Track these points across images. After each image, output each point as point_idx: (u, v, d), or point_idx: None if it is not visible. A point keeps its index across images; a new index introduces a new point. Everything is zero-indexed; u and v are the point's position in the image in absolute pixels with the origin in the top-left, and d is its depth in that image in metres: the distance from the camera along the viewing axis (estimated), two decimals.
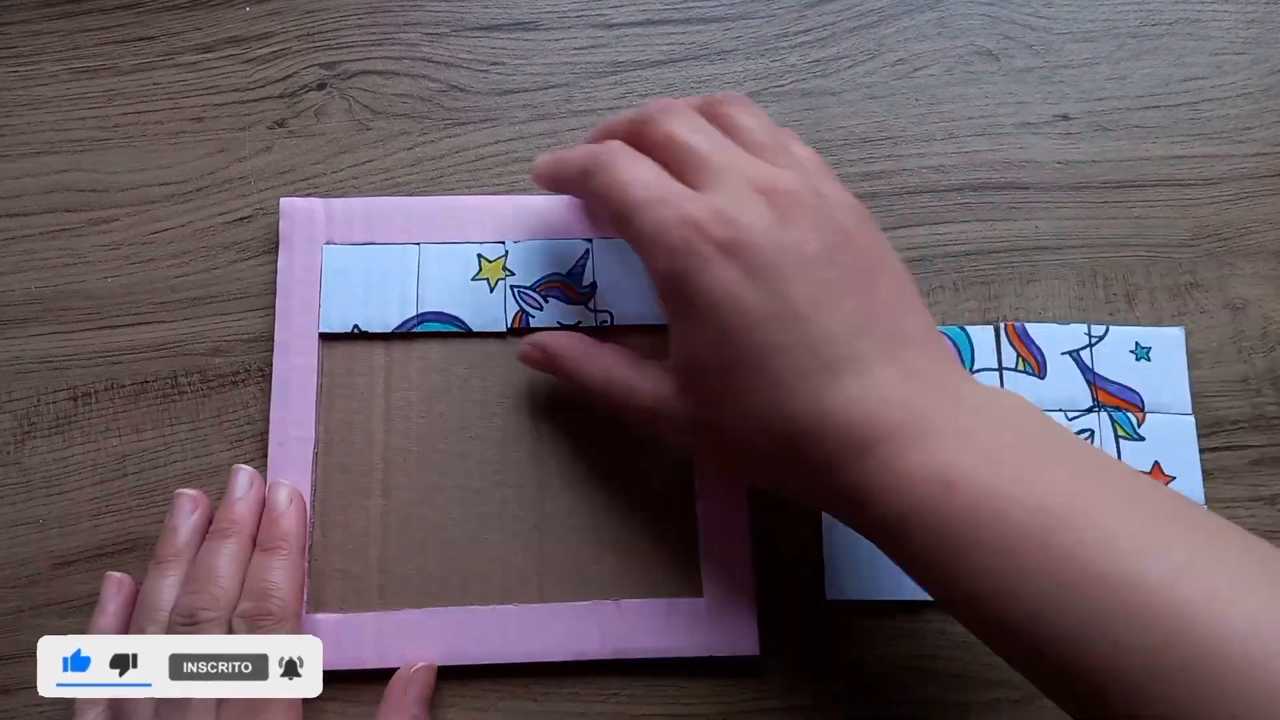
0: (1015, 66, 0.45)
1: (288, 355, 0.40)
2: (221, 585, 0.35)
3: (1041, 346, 0.41)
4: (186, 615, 0.34)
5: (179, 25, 0.45)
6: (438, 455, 0.40)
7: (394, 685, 0.36)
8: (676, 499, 0.39)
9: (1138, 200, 0.43)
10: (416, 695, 0.36)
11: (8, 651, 0.38)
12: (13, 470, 0.40)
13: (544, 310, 0.41)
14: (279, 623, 0.35)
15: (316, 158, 0.43)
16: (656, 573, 0.39)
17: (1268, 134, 0.44)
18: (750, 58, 0.45)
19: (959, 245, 0.42)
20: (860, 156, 0.43)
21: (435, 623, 0.38)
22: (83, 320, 0.41)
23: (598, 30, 0.45)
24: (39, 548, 0.39)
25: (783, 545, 0.39)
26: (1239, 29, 0.45)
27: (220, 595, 0.35)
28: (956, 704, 0.38)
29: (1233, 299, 0.42)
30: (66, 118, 0.43)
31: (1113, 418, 0.40)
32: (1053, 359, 0.41)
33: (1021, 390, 0.40)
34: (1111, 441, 0.40)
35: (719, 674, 0.38)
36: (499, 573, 0.38)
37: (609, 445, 0.40)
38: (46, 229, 0.42)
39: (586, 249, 0.41)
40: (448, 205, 0.42)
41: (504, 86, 0.44)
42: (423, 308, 0.41)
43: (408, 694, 0.36)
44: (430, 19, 0.45)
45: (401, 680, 0.37)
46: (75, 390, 0.41)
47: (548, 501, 0.39)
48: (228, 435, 0.40)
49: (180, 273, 0.42)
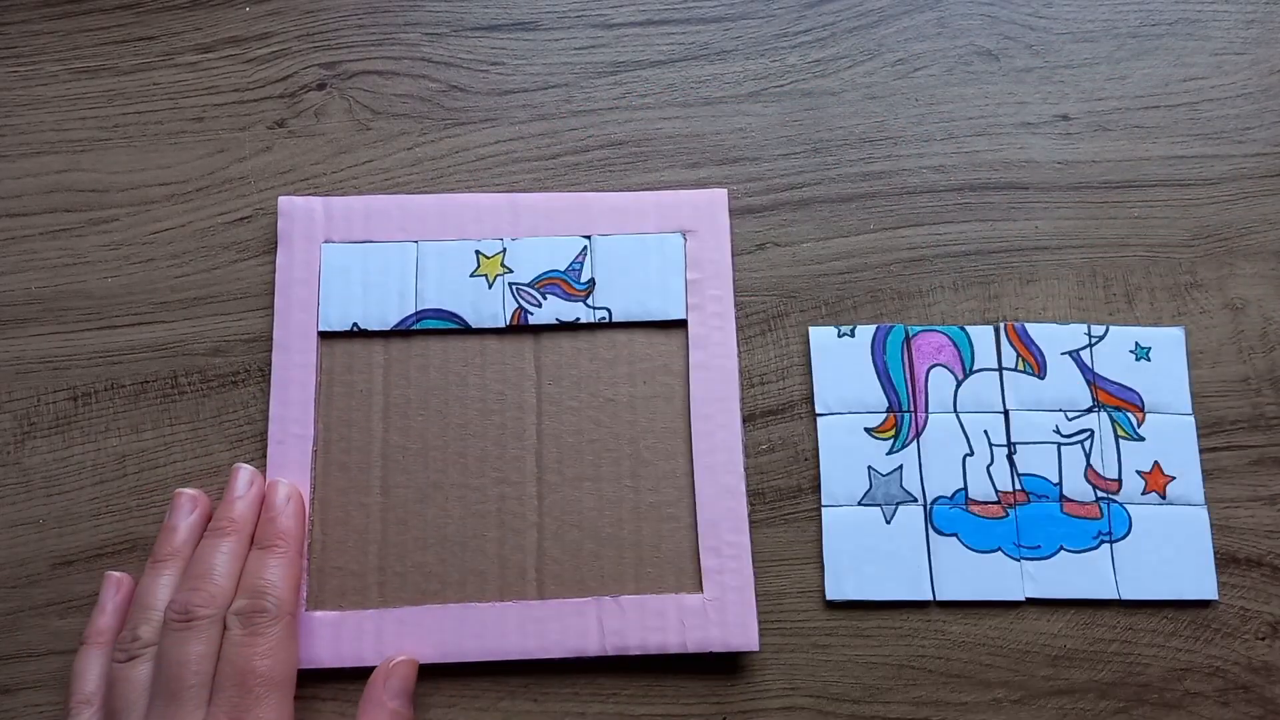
0: (1015, 66, 0.45)
1: (287, 353, 0.40)
2: (217, 583, 0.35)
3: (1041, 346, 0.41)
4: (182, 612, 0.34)
5: (179, 25, 0.45)
6: (436, 453, 0.40)
7: (374, 680, 0.36)
8: (676, 495, 0.39)
9: (1138, 200, 0.43)
10: (396, 689, 0.36)
11: (8, 651, 0.38)
12: (13, 470, 0.40)
13: (543, 307, 0.41)
14: (274, 620, 0.35)
15: (316, 158, 0.43)
16: (656, 569, 0.38)
17: (1268, 134, 0.44)
18: (750, 58, 0.45)
19: (959, 245, 0.42)
20: (860, 156, 0.43)
21: (434, 620, 0.38)
22: (83, 320, 0.41)
23: (598, 30, 0.45)
24: (39, 548, 0.39)
25: (783, 545, 0.39)
26: (1239, 29, 0.45)
27: (216, 593, 0.35)
28: (956, 704, 0.38)
29: (1233, 299, 0.42)
30: (66, 118, 0.43)
31: (1112, 418, 0.40)
32: (1052, 359, 0.41)
33: (1021, 390, 0.40)
34: (1112, 442, 0.40)
35: (718, 673, 0.38)
36: (498, 570, 0.38)
37: (608, 442, 0.40)
38: (46, 229, 0.42)
39: (584, 246, 0.41)
40: (446, 203, 0.42)
41: (504, 86, 0.44)
42: (421, 305, 0.41)
43: (386, 687, 0.36)
44: (430, 19, 0.45)
45: (381, 674, 0.36)
46: (75, 390, 0.41)
47: (546, 499, 0.39)
48: (228, 435, 0.40)
49: (180, 273, 0.42)
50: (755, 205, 0.43)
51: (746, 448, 0.40)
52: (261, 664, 0.34)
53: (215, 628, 0.34)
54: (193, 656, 0.34)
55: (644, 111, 0.44)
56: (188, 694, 0.33)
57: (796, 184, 0.43)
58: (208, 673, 0.34)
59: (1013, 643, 0.38)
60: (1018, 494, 0.39)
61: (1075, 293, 0.42)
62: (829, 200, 0.43)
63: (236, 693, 0.33)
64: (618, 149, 0.43)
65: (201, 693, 0.33)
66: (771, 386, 0.41)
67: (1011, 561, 0.39)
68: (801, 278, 0.42)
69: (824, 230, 0.43)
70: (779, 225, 0.43)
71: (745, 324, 0.41)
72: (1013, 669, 0.38)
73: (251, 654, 0.34)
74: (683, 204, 0.42)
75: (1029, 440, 0.40)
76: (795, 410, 0.41)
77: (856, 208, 0.43)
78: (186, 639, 0.34)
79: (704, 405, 0.40)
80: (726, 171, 0.43)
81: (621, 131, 0.44)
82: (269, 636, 0.34)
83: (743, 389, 0.41)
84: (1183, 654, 0.38)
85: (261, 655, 0.34)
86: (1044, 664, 0.38)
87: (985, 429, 0.40)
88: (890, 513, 0.39)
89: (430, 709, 0.37)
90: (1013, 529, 0.39)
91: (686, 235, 0.42)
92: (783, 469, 0.40)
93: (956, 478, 0.40)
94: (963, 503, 0.39)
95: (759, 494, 0.40)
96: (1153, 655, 0.38)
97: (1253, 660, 0.38)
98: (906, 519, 0.39)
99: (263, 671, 0.34)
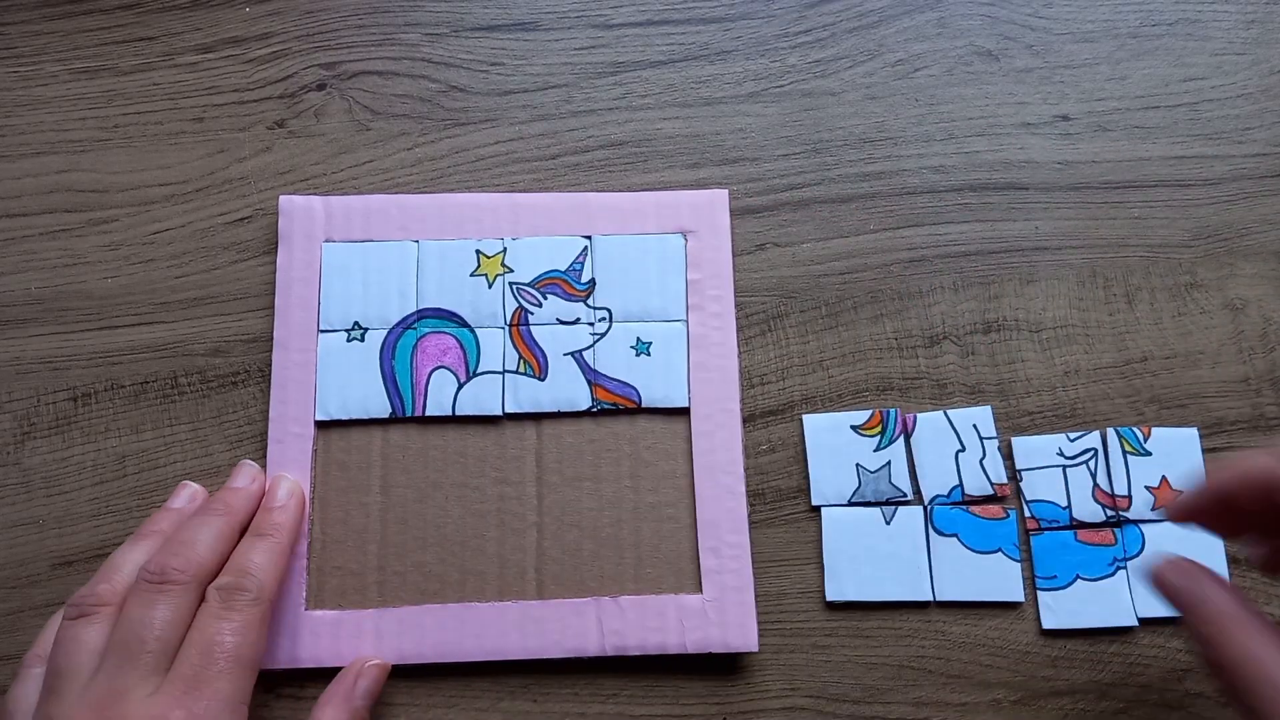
0: (1015, 66, 0.45)
1: (287, 352, 0.40)
2: (200, 551, 0.34)
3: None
4: (157, 572, 0.33)
5: (179, 25, 0.45)
6: (436, 452, 0.40)
7: (344, 676, 0.36)
8: (675, 496, 0.39)
9: (1138, 200, 0.43)
10: (366, 690, 0.36)
11: (8, 651, 0.38)
12: (13, 470, 0.40)
13: (543, 307, 0.41)
14: (253, 602, 0.33)
15: (316, 158, 0.43)
16: (655, 569, 0.38)
17: (1268, 134, 0.44)
18: (750, 58, 0.45)
19: (959, 245, 0.42)
20: (860, 156, 0.43)
21: (433, 619, 0.38)
22: (83, 320, 0.41)
23: (598, 30, 0.45)
24: (39, 548, 0.39)
25: (783, 545, 0.39)
26: (1239, 29, 0.45)
27: (195, 559, 0.34)
28: (956, 704, 0.38)
29: (1232, 299, 0.42)
30: (66, 118, 0.44)
31: (1119, 433, 0.40)
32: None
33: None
34: (1120, 457, 0.40)
35: (718, 674, 0.38)
36: (497, 570, 0.38)
37: (608, 442, 0.40)
38: (46, 229, 0.42)
39: (585, 246, 0.41)
40: (446, 202, 0.42)
41: (504, 86, 0.44)
42: (422, 304, 0.41)
43: (357, 686, 0.36)
44: (430, 19, 0.45)
45: (353, 673, 0.36)
46: (75, 390, 0.41)
47: (546, 498, 0.39)
48: (228, 435, 0.40)
49: (180, 273, 0.42)
50: (755, 205, 0.43)
51: (746, 448, 0.40)
52: (231, 639, 0.32)
53: (188, 597, 0.33)
54: (158, 620, 0.32)
55: (644, 112, 0.44)
56: (144, 659, 0.31)
57: (796, 184, 0.43)
58: (170, 641, 0.32)
59: (1013, 643, 0.38)
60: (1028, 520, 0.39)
61: (1075, 293, 0.42)
62: (829, 200, 0.43)
63: (200, 661, 0.32)
64: (618, 149, 0.43)
65: (160, 660, 0.32)
66: (771, 386, 0.41)
67: (1011, 562, 0.39)
68: (801, 278, 0.42)
69: (824, 230, 0.43)
70: (779, 225, 0.43)
71: (745, 324, 0.41)
72: (1013, 669, 0.38)
73: (222, 626, 0.32)
74: (683, 204, 0.42)
75: (1035, 466, 0.40)
76: (795, 410, 0.41)
77: (856, 208, 0.43)
78: (155, 601, 0.32)
79: (704, 405, 0.40)
80: (726, 171, 0.43)
81: (621, 132, 0.44)
82: (244, 615, 0.33)
83: (743, 389, 0.41)
84: (1183, 654, 0.38)
85: (232, 631, 0.32)
86: (1044, 664, 0.38)
87: (974, 423, 0.40)
88: (890, 514, 0.39)
89: (430, 709, 0.37)
90: (1013, 530, 0.39)
91: (687, 235, 0.42)
92: (783, 469, 0.40)
93: (951, 475, 0.40)
94: (959, 499, 0.39)
95: (759, 494, 0.40)
96: (1153, 655, 0.38)
97: None
98: (906, 520, 0.39)
99: (230, 646, 0.32)
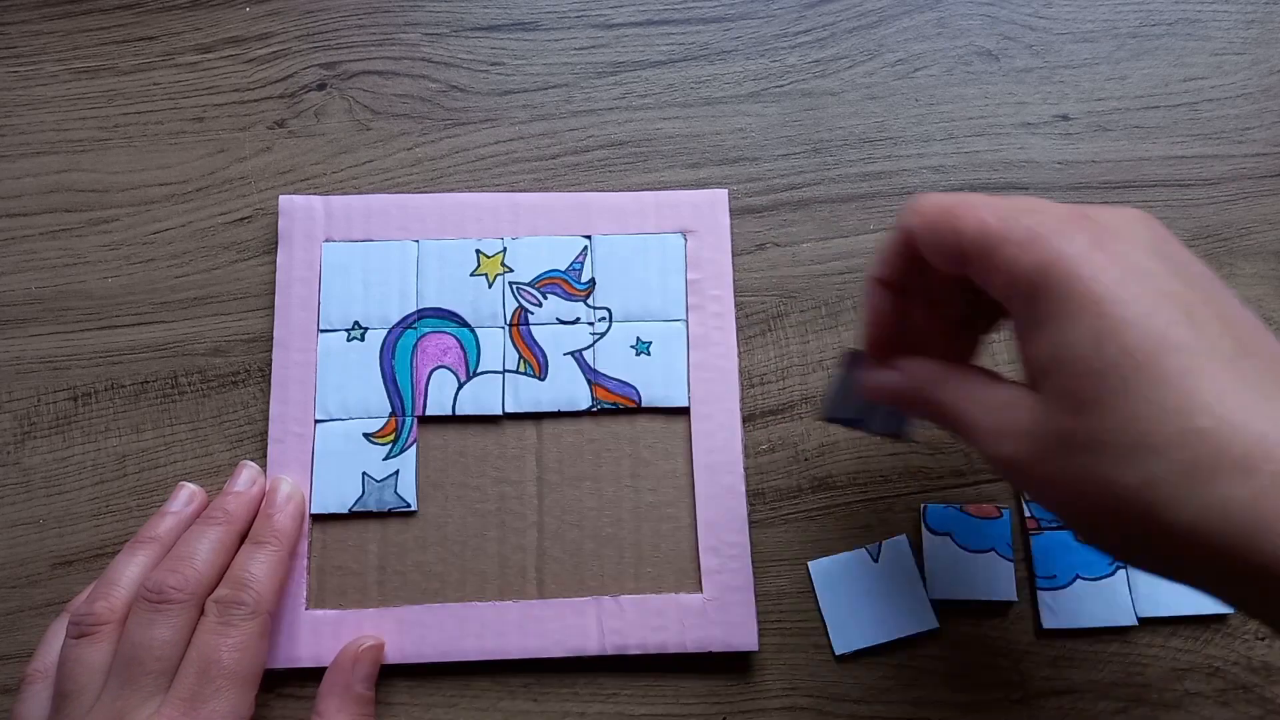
0: (1015, 66, 0.45)
1: (287, 352, 0.40)
2: (197, 567, 0.34)
3: None
4: (155, 590, 0.33)
5: (179, 25, 0.45)
6: (436, 451, 0.40)
7: (340, 664, 0.36)
8: (675, 495, 0.39)
9: (1138, 200, 0.43)
10: (365, 673, 0.36)
11: (8, 651, 0.38)
12: (13, 470, 0.40)
13: (543, 307, 0.41)
14: (249, 615, 0.34)
15: (316, 158, 0.43)
16: (655, 569, 0.38)
17: (1268, 134, 0.44)
18: (750, 58, 0.45)
19: None
20: (860, 156, 0.43)
21: (434, 619, 0.38)
22: (83, 320, 0.41)
23: (598, 30, 0.45)
24: (39, 548, 0.39)
25: (783, 545, 0.39)
26: (1239, 29, 0.45)
27: (193, 576, 0.34)
28: (956, 704, 0.38)
29: None
30: (66, 118, 0.44)
31: None
32: None
33: None
34: None
35: (718, 674, 0.38)
36: (498, 569, 0.38)
37: (608, 442, 0.40)
38: (46, 229, 0.42)
39: (585, 246, 0.41)
40: (446, 202, 0.42)
41: (504, 86, 0.44)
42: (422, 303, 0.41)
43: (355, 671, 0.36)
44: (430, 19, 0.45)
45: (349, 658, 0.36)
46: (75, 390, 0.41)
47: (546, 498, 0.39)
48: (228, 435, 0.40)
49: (180, 273, 0.42)
50: (755, 205, 0.43)
51: (746, 448, 0.40)
52: (228, 657, 0.33)
53: (187, 614, 0.33)
54: (157, 641, 0.32)
55: (644, 111, 0.44)
56: (145, 680, 0.32)
57: (796, 184, 0.43)
58: (171, 660, 0.33)
59: (1012, 642, 0.38)
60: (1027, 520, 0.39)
61: None
62: (829, 200, 0.43)
63: (197, 680, 0.32)
64: (618, 149, 0.43)
65: (160, 680, 0.32)
66: (771, 386, 0.41)
67: (1005, 562, 0.39)
68: (801, 278, 0.42)
69: (824, 230, 0.43)
70: (779, 225, 0.43)
71: (745, 324, 0.41)
72: (1013, 669, 0.38)
73: (220, 643, 0.33)
74: (683, 204, 0.42)
75: None
76: (795, 410, 0.41)
77: (856, 208, 0.43)
78: (154, 621, 0.33)
79: (704, 405, 0.40)
80: (726, 171, 0.43)
81: (621, 131, 0.44)
82: (241, 630, 0.33)
83: (743, 389, 0.41)
84: (1182, 654, 0.38)
85: (229, 648, 0.33)
86: (1044, 664, 0.38)
87: None
88: (875, 551, 0.39)
89: (430, 709, 0.37)
90: (1007, 529, 0.39)
91: (687, 235, 0.42)
92: (783, 469, 0.40)
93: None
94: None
95: (759, 494, 0.40)
96: (1152, 655, 0.38)
97: (1252, 660, 0.38)
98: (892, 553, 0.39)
99: (227, 664, 0.33)
